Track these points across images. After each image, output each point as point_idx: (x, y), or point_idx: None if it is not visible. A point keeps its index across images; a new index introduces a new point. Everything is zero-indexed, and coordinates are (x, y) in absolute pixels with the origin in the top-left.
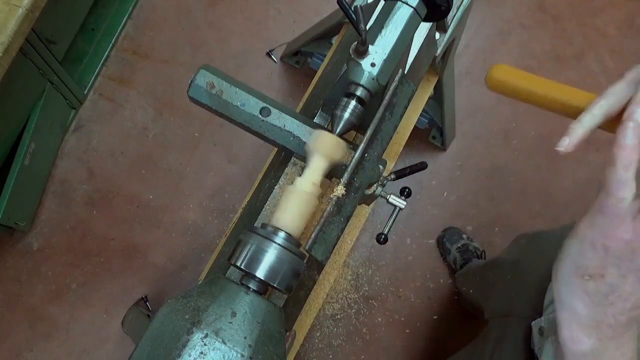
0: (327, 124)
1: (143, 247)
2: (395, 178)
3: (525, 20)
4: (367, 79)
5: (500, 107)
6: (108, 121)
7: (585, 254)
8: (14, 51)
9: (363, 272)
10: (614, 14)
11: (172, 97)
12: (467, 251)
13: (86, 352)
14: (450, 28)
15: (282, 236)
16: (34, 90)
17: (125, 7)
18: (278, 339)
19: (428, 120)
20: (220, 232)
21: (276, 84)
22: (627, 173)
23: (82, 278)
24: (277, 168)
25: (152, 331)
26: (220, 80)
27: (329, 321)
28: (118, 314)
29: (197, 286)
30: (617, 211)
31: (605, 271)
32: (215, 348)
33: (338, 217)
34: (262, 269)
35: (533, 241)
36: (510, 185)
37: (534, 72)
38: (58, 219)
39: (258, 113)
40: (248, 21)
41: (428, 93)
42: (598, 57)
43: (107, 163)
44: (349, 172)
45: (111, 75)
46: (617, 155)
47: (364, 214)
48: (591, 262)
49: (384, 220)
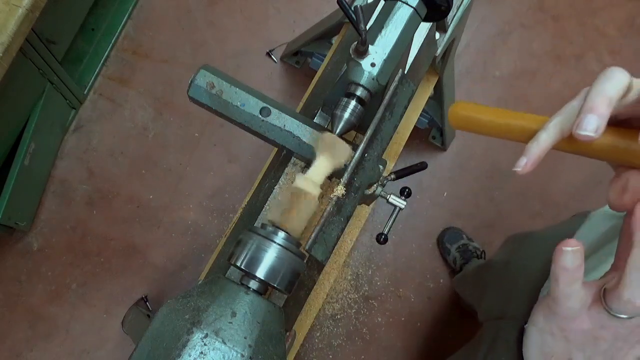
0: (327, 124)
1: (143, 247)
2: (395, 178)
3: (525, 20)
4: (367, 79)
5: (501, 107)
6: (108, 121)
7: (548, 342)
8: (14, 51)
9: (363, 272)
10: (614, 14)
11: (172, 97)
12: (467, 251)
13: (86, 352)
14: (450, 28)
15: (282, 236)
16: (34, 90)
17: (125, 7)
18: (278, 339)
19: (428, 120)
20: (220, 232)
21: (276, 84)
22: (572, 288)
23: (82, 278)
24: (277, 168)
25: (152, 331)
26: (220, 80)
27: (329, 321)
28: (118, 314)
29: (197, 286)
30: (569, 314)
31: (571, 355)
32: (215, 348)
33: (338, 217)
34: (262, 269)
35: (522, 242)
36: (510, 185)
37: (534, 71)
38: (58, 219)
39: (258, 113)
40: (248, 21)
41: (428, 93)
42: (598, 57)
43: (107, 163)
44: (349, 172)
45: (111, 75)
46: (559, 276)
47: (364, 214)
48: (555, 349)
49: (384, 220)
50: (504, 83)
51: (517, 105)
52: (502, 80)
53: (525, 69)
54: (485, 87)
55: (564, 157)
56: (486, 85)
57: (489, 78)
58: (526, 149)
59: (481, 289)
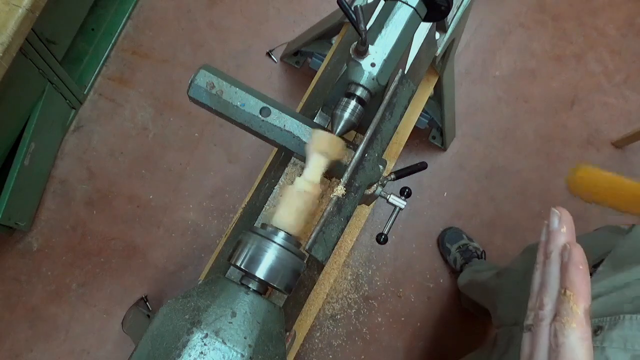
0: (327, 124)
1: (143, 247)
2: (395, 178)
3: (525, 20)
4: (367, 79)
5: (500, 107)
6: (108, 121)
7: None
8: (14, 51)
9: (363, 272)
10: (614, 14)
11: (172, 97)
12: (467, 251)
13: (86, 352)
14: (450, 28)
15: (282, 236)
16: (34, 90)
17: (125, 7)
18: (278, 339)
19: (428, 120)
20: (220, 232)
21: (276, 84)
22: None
23: (82, 278)
24: (277, 168)
25: (152, 331)
26: (220, 80)
27: (329, 321)
28: (118, 314)
29: (197, 286)
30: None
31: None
32: (215, 348)
33: (338, 217)
34: (262, 269)
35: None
36: (510, 185)
37: (534, 71)
38: (58, 219)
39: (258, 113)
40: (248, 21)
41: (428, 93)
42: (598, 57)
43: (107, 163)
44: (349, 172)
45: (111, 75)
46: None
47: (364, 214)
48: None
49: (384, 220)
50: (504, 83)
51: (517, 105)
52: (502, 80)
53: (525, 69)
54: (485, 87)
55: (564, 158)
56: (486, 85)
57: (489, 78)
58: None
59: (496, 294)
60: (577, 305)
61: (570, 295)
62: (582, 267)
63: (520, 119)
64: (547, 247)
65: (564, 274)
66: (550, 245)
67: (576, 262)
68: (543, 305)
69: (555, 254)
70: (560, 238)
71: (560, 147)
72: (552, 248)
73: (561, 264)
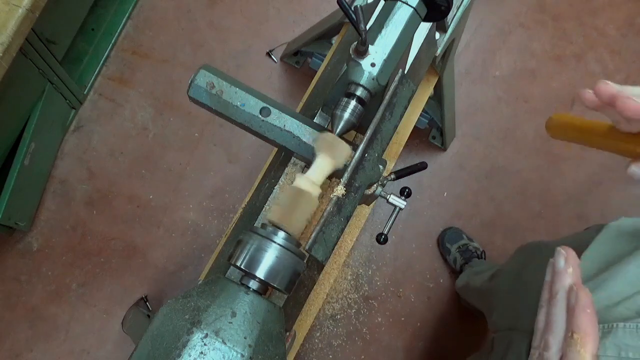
0: (327, 124)
1: (143, 247)
2: (395, 178)
3: (525, 20)
4: (367, 79)
5: (500, 107)
6: (108, 121)
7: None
8: (14, 51)
9: (363, 272)
10: (614, 14)
11: (172, 97)
12: (467, 251)
13: (86, 352)
14: (450, 28)
15: (282, 236)
16: (34, 90)
17: (125, 7)
18: (278, 339)
19: (428, 120)
20: (220, 232)
21: (276, 84)
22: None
23: (82, 278)
24: (277, 168)
25: (152, 331)
26: (220, 80)
27: (329, 321)
28: (118, 314)
29: (197, 286)
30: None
31: None
32: (215, 348)
33: (338, 217)
34: (262, 269)
35: (534, 253)
36: (510, 185)
37: (534, 71)
38: (58, 219)
39: (258, 113)
40: (248, 21)
41: (428, 93)
42: (598, 57)
43: (107, 163)
44: (349, 172)
45: (111, 75)
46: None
47: (364, 214)
48: None
49: (384, 220)
50: (504, 83)
51: (517, 105)
52: (502, 80)
53: (525, 69)
54: (485, 87)
55: (564, 157)
56: (486, 85)
57: (489, 78)
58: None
59: (491, 297)
60: (585, 349)
61: (578, 339)
62: (590, 310)
63: (520, 119)
64: (553, 287)
65: (570, 317)
66: (556, 285)
67: (583, 305)
68: (549, 346)
69: (562, 295)
70: (567, 279)
71: (560, 147)
72: (558, 288)
73: (567, 306)
